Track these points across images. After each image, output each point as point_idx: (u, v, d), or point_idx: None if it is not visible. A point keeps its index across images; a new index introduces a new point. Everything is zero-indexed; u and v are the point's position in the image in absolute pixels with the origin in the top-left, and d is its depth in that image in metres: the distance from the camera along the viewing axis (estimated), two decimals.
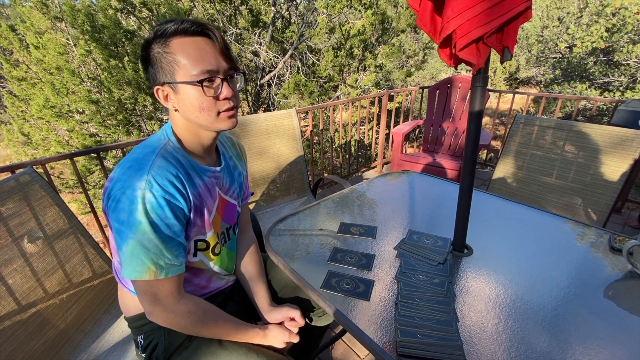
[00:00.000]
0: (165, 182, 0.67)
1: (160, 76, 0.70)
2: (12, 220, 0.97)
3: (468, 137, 0.80)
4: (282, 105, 4.92)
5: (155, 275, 0.67)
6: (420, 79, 10.36)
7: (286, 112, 1.97)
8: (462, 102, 2.83)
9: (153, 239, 0.66)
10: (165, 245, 0.68)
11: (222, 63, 0.70)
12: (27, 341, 0.91)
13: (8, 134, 4.72)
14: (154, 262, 0.67)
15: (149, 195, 0.65)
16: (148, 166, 0.66)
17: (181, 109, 0.72)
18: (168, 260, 0.69)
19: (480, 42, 0.65)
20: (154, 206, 0.65)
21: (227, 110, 0.73)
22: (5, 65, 4.26)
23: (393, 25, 5.09)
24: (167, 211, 0.67)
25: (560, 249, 0.93)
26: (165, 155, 0.71)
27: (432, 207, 1.19)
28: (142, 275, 0.67)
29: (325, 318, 1.02)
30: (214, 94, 0.70)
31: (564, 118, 6.46)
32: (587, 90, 6.04)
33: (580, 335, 0.65)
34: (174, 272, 0.70)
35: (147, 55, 0.70)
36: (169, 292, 0.71)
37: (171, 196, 0.68)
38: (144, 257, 0.66)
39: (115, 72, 3.55)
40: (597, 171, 1.44)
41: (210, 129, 0.75)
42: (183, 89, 0.68)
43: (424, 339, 0.64)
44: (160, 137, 0.76)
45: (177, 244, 0.71)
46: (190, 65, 0.67)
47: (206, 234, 0.81)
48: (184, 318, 0.73)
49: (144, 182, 0.65)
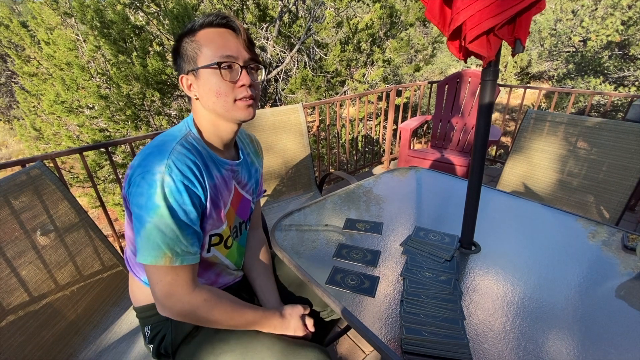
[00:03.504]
0: (184, 167, 0.68)
1: (185, 65, 0.73)
2: (24, 213, 0.99)
3: (477, 132, 0.78)
4: (288, 100, 4.91)
5: (170, 261, 0.67)
6: (429, 74, 10.23)
7: (292, 107, 1.96)
8: (471, 97, 2.79)
9: (170, 224, 0.66)
10: (182, 232, 0.68)
11: (243, 52, 0.73)
12: (38, 332, 0.92)
13: (20, 129, 4.81)
14: (170, 248, 0.67)
15: (168, 179, 0.65)
16: (168, 152, 0.68)
17: (201, 95, 0.73)
18: (184, 247, 0.69)
19: (491, 34, 0.63)
20: (173, 190, 0.66)
21: (244, 98, 0.73)
22: (17, 61, 4.33)
23: (402, 19, 5.02)
24: (185, 197, 0.68)
25: (571, 247, 0.91)
26: (185, 144, 0.72)
27: (440, 204, 1.18)
28: (158, 260, 0.67)
29: (334, 316, 1.02)
30: (231, 79, 0.71)
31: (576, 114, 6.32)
32: (601, 85, 5.89)
33: (591, 335, 0.64)
34: (190, 261, 0.70)
35: (178, 48, 0.74)
36: (184, 281, 0.71)
37: (190, 182, 0.68)
38: (161, 241, 0.66)
39: (123, 68, 3.58)
40: (611, 168, 1.40)
41: (227, 118, 0.76)
42: (203, 74, 0.71)
43: (429, 336, 0.63)
44: (181, 127, 0.77)
45: (193, 232, 0.71)
46: (212, 50, 0.70)
47: (221, 226, 0.82)
48: (200, 307, 0.72)
49: (164, 166, 0.66)
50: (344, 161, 3.53)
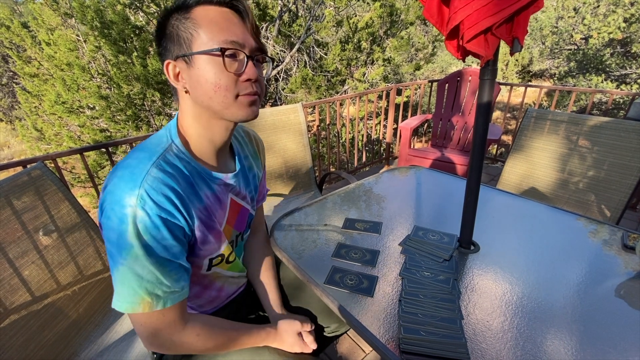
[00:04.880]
0: (160, 198, 0.56)
1: (174, 48, 0.59)
2: (25, 213, 1.00)
3: (476, 131, 0.78)
4: (289, 99, 4.91)
5: (150, 307, 0.58)
6: (430, 73, 10.21)
7: (292, 107, 1.96)
8: (472, 96, 2.78)
9: (147, 265, 0.56)
10: (163, 270, 0.58)
11: (250, 40, 0.61)
12: (40, 331, 0.93)
13: (22, 130, 4.83)
14: (149, 292, 0.57)
15: (141, 214, 0.54)
16: (141, 178, 0.56)
17: (193, 88, 0.60)
18: (167, 288, 0.59)
19: (489, 33, 0.63)
20: (148, 226, 0.55)
21: (248, 94, 0.62)
22: (18, 61, 4.35)
23: (402, 18, 5.01)
24: (164, 231, 0.57)
25: (571, 247, 0.91)
26: (163, 164, 0.60)
27: (439, 203, 1.18)
28: (135, 307, 0.57)
29: (338, 332, 0.96)
30: (236, 71, 0.59)
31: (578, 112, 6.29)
32: (602, 83, 5.87)
33: (590, 335, 0.64)
34: (175, 300, 0.61)
35: (163, 26, 0.60)
36: (172, 320, 0.62)
37: (168, 214, 0.58)
38: (137, 286, 0.56)
39: (124, 68, 3.59)
40: (612, 167, 1.40)
41: (225, 117, 0.63)
42: (199, 61, 0.58)
43: (427, 336, 0.64)
44: (162, 138, 0.65)
45: (177, 267, 0.61)
46: (212, 33, 0.57)
47: (221, 247, 0.74)
48: (192, 344, 0.66)
49: (136, 197, 0.54)
50: (344, 160, 3.53)
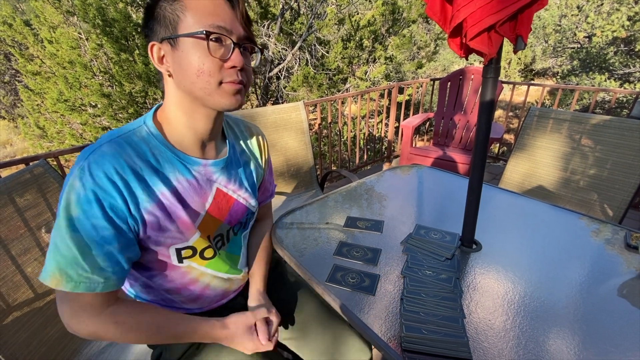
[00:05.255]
0: (99, 172, 0.55)
1: (160, 30, 0.58)
2: (28, 211, 1.00)
3: (479, 129, 0.78)
4: (290, 98, 4.90)
5: (57, 284, 0.54)
6: (432, 71, 10.17)
7: (294, 105, 1.96)
8: (474, 95, 2.77)
9: (67, 240, 0.54)
10: (84, 251, 0.54)
11: (239, 27, 0.59)
12: (42, 328, 0.93)
13: (25, 127, 4.84)
14: (60, 268, 0.54)
15: (77, 185, 0.54)
16: (89, 152, 0.57)
17: (176, 71, 0.59)
18: (83, 271, 0.55)
19: (492, 31, 0.62)
20: (81, 199, 0.54)
21: (232, 82, 0.60)
22: (21, 59, 4.36)
23: (404, 16, 4.99)
24: (96, 208, 0.54)
25: (573, 246, 0.91)
26: (122, 142, 0.59)
27: (441, 202, 1.17)
28: (45, 278, 0.55)
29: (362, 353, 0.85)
30: (221, 56, 0.57)
31: (581, 111, 6.26)
32: (606, 82, 5.83)
33: (592, 334, 0.64)
34: (91, 289, 0.56)
35: (152, 7, 0.60)
36: (87, 304, 0.58)
37: (103, 191, 0.55)
38: (52, 258, 0.55)
39: (126, 66, 3.59)
40: (615, 166, 1.39)
41: (207, 104, 0.61)
42: (184, 44, 0.57)
43: (429, 334, 0.63)
44: (136, 121, 0.64)
45: (106, 254, 0.56)
46: (198, 16, 0.56)
47: (188, 240, 0.68)
48: (110, 330, 0.59)
49: (78, 168, 0.55)
50: (346, 159, 3.53)
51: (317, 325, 0.88)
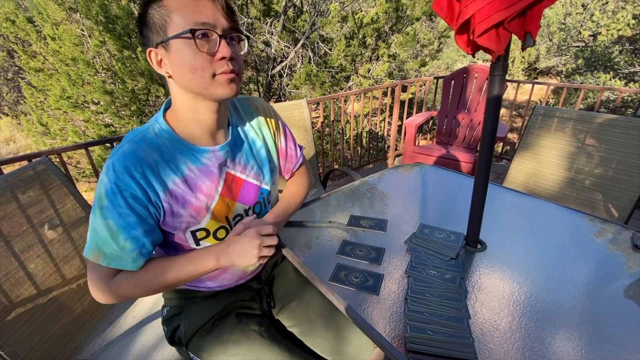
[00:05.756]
0: (120, 169, 0.63)
1: (153, 36, 0.63)
2: (30, 207, 1.00)
3: (485, 127, 0.77)
4: (293, 96, 4.89)
5: (97, 259, 0.65)
6: (435, 69, 10.12)
7: (297, 103, 1.95)
8: (478, 93, 2.75)
9: (101, 224, 0.64)
10: (113, 235, 0.64)
11: (222, 20, 0.63)
12: (45, 325, 0.94)
13: (27, 124, 4.85)
14: (98, 247, 0.65)
15: (105, 180, 0.64)
16: (114, 152, 0.66)
17: (174, 72, 0.64)
18: (114, 251, 0.65)
19: (501, 27, 0.61)
20: (108, 191, 0.63)
21: (224, 72, 0.64)
22: (24, 56, 4.36)
23: (407, 13, 4.96)
24: (120, 199, 0.63)
25: (579, 246, 0.90)
26: (138, 140, 0.67)
27: (445, 201, 1.16)
28: (88, 254, 0.66)
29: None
30: (209, 50, 0.62)
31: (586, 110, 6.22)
32: (611, 81, 5.78)
33: (599, 336, 0.63)
34: (118, 266, 0.66)
35: (144, 16, 0.64)
36: (103, 273, 0.67)
37: (125, 184, 0.63)
38: (92, 238, 0.65)
39: (128, 63, 3.59)
40: (620, 165, 1.38)
41: (206, 97, 0.66)
42: (175, 46, 0.61)
43: (434, 335, 0.63)
44: (150, 121, 0.72)
45: (132, 239, 0.65)
46: (183, 17, 0.60)
47: (200, 222, 0.74)
48: (124, 287, 0.68)
49: (106, 166, 0.65)
50: (348, 157, 3.51)
51: (321, 320, 0.90)
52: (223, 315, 0.86)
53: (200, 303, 0.86)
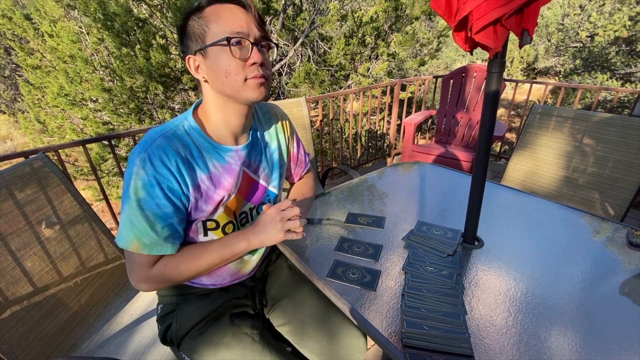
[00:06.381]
0: (158, 162, 0.67)
1: (192, 44, 0.69)
2: (27, 205, 0.99)
3: (482, 125, 0.77)
4: (292, 94, 4.88)
5: (138, 249, 0.69)
6: (434, 69, 10.13)
7: (296, 101, 1.95)
8: (476, 93, 2.75)
9: (139, 216, 0.67)
10: (152, 225, 0.68)
11: (254, 29, 0.69)
12: (40, 322, 0.93)
13: (25, 122, 4.83)
14: (137, 238, 0.68)
15: (141, 173, 0.66)
16: (148, 144, 0.68)
17: (210, 77, 0.70)
18: (153, 239, 0.69)
19: (498, 25, 0.61)
20: (146, 184, 0.66)
21: (255, 77, 0.69)
22: (21, 53, 4.33)
23: (407, 12, 4.96)
24: (158, 190, 0.67)
25: (576, 243, 0.90)
26: (170, 136, 0.70)
27: (443, 199, 1.17)
28: (127, 246, 0.69)
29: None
30: (242, 57, 0.67)
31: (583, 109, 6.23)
32: (608, 81, 5.81)
33: (594, 332, 0.63)
34: (158, 251, 0.71)
35: (184, 27, 0.71)
36: (144, 262, 0.71)
37: (162, 176, 0.67)
38: (130, 230, 0.68)
39: (127, 61, 3.57)
40: (617, 164, 1.38)
41: (237, 99, 0.71)
42: (212, 52, 0.67)
43: (430, 330, 0.63)
44: (179, 118, 0.76)
45: (168, 225, 0.70)
46: (220, 27, 0.66)
47: (213, 214, 0.78)
48: (162, 270, 0.72)
49: (140, 159, 0.66)
50: (347, 156, 3.51)
51: (316, 320, 0.90)
52: (216, 315, 0.85)
53: (193, 302, 0.86)
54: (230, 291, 0.90)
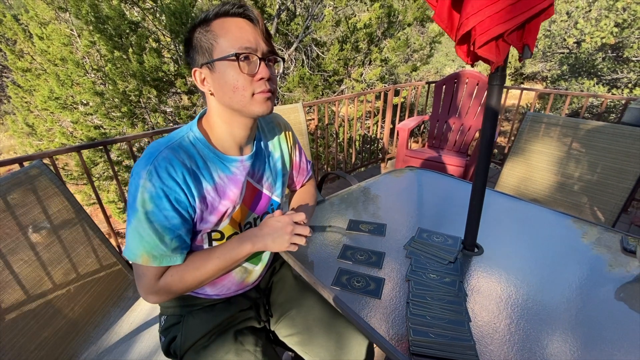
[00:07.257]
0: (164, 174, 0.66)
1: (199, 57, 0.69)
2: (24, 214, 0.98)
3: (483, 135, 0.79)
4: (286, 99, 4.89)
5: (147, 262, 0.68)
6: (425, 74, 10.26)
7: (292, 107, 1.96)
8: (468, 98, 2.81)
9: (147, 229, 0.66)
10: (161, 237, 0.68)
11: (262, 44, 0.68)
12: (39, 332, 0.91)
13: (13, 125, 4.72)
14: (147, 251, 0.68)
15: (148, 185, 0.65)
16: (154, 157, 0.67)
17: (216, 90, 0.70)
18: (162, 251, 0.69)
19: (500, 40, 0.63)
20: (153, 196, 0.66)
21: (262, 92, 0.69)
22: (10, 55, 4.25)
23: (399, 19, 5.02)
24: (166, 202, 0.67)
25: (572, 249, 0.93)
26: (176, 147, 0.69)
27: (440, 205, 1.19)
28: (136, 259, 0.68)
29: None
30: (249, 72, 0.67)
31: (570, 115, 6.39)
32: (594, 87, 5.97)
33: (593, 337, 0.65)
34: (168, 262, 0.71)
35: (190, 39, 0.70)
36: (153, 274, 0.71)
37: (169, 188, 0.67)
38: (138, 243, 0.67)
39: (119, 64, 3.53)
40: (608, 171, 1.43)
41: (244, 113, 0.71)
42: (219, 67, 0.67)
43: (436, 338, 0.64)
44: (182, 130, 0.75)
45: (177, 237, 0.70)
46: (228, 42, 0.66)
47: (219, 226, 0.78)
48: (170, 284, 0.72)
49: (146, 171, 0.66)
50: (341, 160, 3.53)
51: (321, 327, 0.90)
52: (220, 330, 0.84)
53: (198, 314, 0.85)
54: (234, 303, 0.89)
